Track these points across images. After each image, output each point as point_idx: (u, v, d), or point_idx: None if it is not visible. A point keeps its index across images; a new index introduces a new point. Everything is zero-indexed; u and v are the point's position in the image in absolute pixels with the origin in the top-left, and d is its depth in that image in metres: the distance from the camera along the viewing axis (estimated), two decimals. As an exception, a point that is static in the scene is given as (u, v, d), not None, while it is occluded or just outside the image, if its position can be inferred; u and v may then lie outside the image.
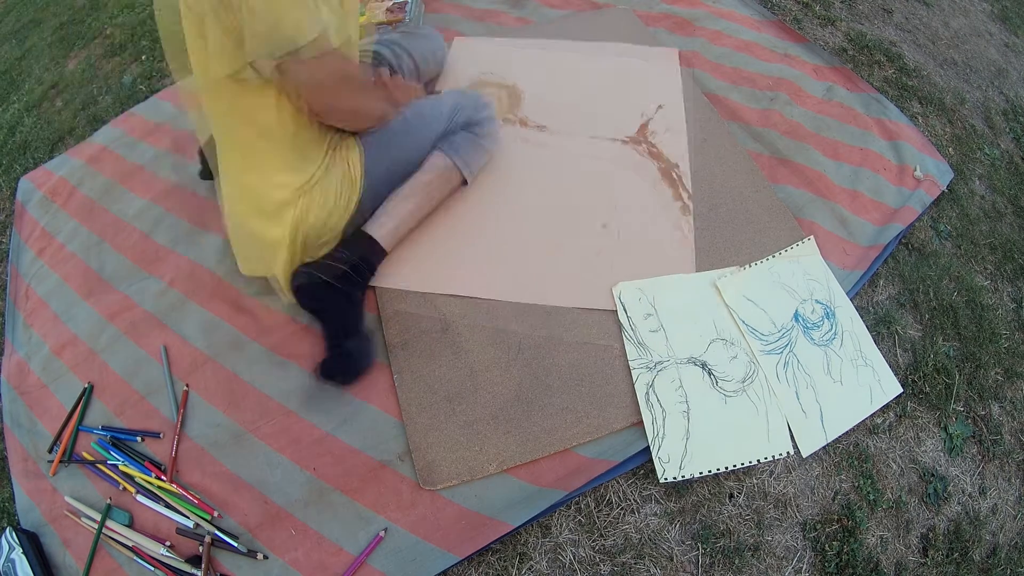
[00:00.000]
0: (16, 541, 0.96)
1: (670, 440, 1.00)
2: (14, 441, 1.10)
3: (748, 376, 1.07)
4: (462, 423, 1.04)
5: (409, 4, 1.65)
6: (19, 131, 1.72)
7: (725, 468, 0.99)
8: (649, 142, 1.42)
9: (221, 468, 1.02)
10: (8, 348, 1.24)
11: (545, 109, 1.50)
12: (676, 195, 1.32)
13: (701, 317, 1.13)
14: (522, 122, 1.47)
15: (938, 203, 1.36)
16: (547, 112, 1.49)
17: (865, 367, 1.10)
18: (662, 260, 1.21)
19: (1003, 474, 1.05)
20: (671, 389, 1.05)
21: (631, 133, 1.44)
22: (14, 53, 2.02)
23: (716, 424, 1.02)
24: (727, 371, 1.07)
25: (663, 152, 1.39)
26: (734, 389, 1.06)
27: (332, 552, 0.93)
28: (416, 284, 1.20)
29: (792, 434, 1.02)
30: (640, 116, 1.47)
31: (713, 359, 1.09)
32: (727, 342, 1.10)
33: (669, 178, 1.34)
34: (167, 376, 1.12)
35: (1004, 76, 1.74)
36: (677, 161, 1.37)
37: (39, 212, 1.45)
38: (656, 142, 1.41)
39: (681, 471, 0.98)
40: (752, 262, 1.20)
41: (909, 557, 0.97)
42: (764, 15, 1.79)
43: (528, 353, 1.11)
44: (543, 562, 0.94)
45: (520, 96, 1.53)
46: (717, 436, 1.01)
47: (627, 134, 1.44)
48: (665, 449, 1.00)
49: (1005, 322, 1.22)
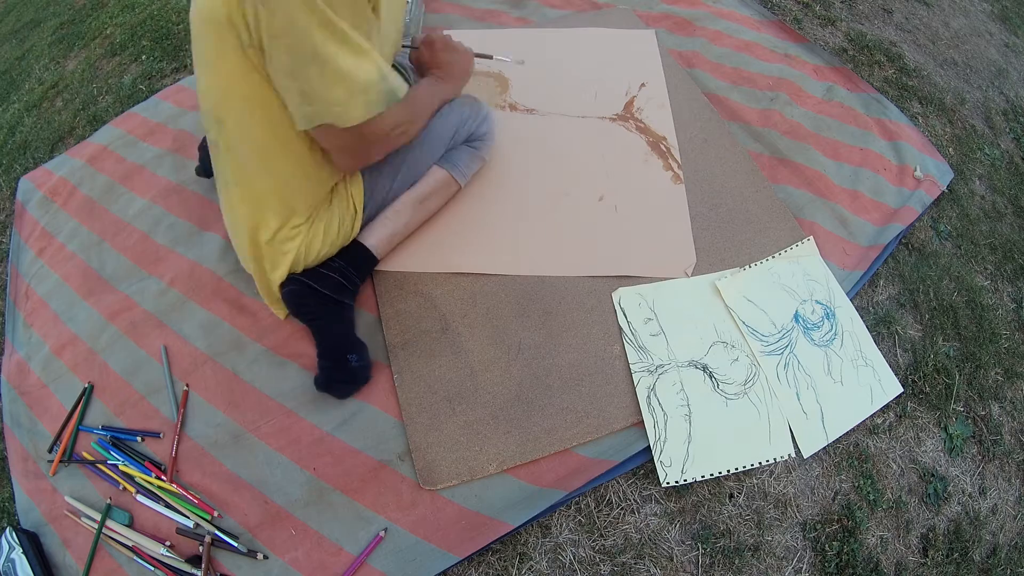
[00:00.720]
0: (16, 541, 0.96)
1: (672, 444, 1.00)
2: (14, 441, 1.10)
3: (749, 379, 1.07)
4: (462, 423, 1.04)
5: (409, 5, 1.65)
6: (19, 131, 1.72)
7: (727, 471, 0.99)
8: (636, 118, 1.47)
9: (221, 468, 1.02)
10: (8, 348, 1.24)
11: (533, 92, 1.53)
12: (667, 166, 1.37)
13: (701, 320, 1.13)
14: (512, 107, 1.50)
15: (938, 203, 1.36)
16: (535, 95, 1.52)
17: (865, 367, 1.10)
18: (658, 228, 1.26)
19: (1003, 474, 1.05)
20: (672, 392, 1.05)
21: (618, 111, 1.49)
22: (14, 53, 2.02)
23: (718, 427, 1.02)
24: (728, 374, 1.07)
25: (650, 127, 1.45)
26: (735, 392, 1.06)
27: (332, 552, 0.93)
28: (412, 265, 1.21)
29: (793, 435, 1.02)
30: (625, 94, 1.52)
31: (714, 362, 1.09)
32: (728, 345, 1.10)
33: (658, 150, 1.40)
34: (167, 376, 1.12)
35: (1004, 76, 1.74)
36: (664, 134, 1.43)
37: (39, 212, 1.45)
38: (643, 118, 1.47)
39: (683, 475, 0.98)
40: (752, 263, 1.20)
41: (909, 557, 0.97)
42: (764, 15, 1.79)
43: (528, 353, 1.11)
44: (543, 562, 0.94)
45: (507, 83, 1.55)
46: (719, 439, 1.01)
47: (614, 112, 1.48)
48: (667, 453, 1.00)
49: (1005, 322, 1.22)
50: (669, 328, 1.12)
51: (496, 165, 1.36)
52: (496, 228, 1.27)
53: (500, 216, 1.29)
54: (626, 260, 1.21)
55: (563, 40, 1.67)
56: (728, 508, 0.99)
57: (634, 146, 1.41)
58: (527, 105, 1.50)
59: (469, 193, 1.30)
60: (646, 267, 1.20)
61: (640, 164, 1.37)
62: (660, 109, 1.48)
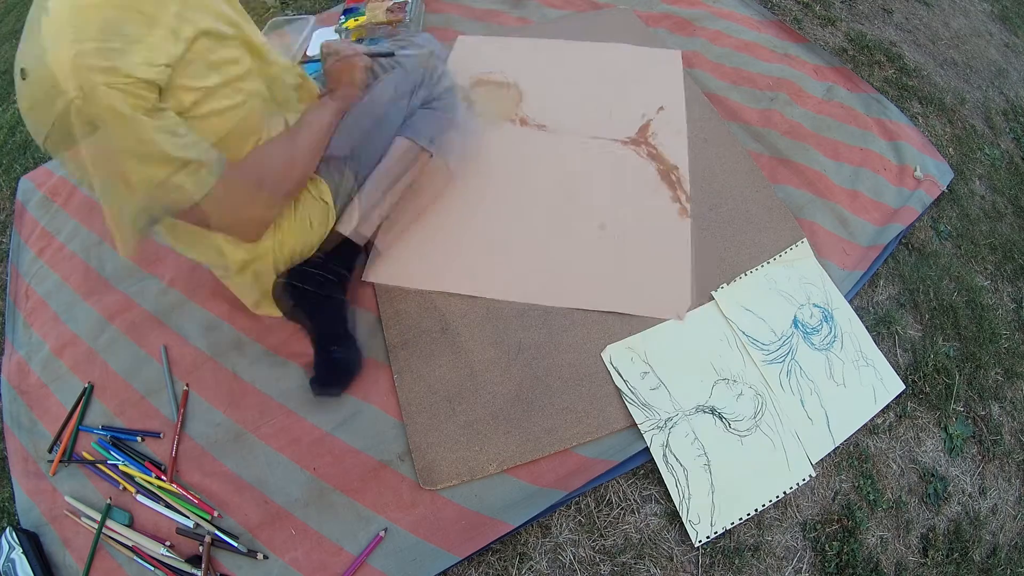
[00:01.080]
0: (16, 541, 0.96)
1: (696, 499, 0.97)
2: (14, 441, 1.10)
3: (758, 411, 1.04)
4: (462, 423, 1.04)
5: (409, 4, 1.65)
6: (19, 131, 1.72)
7: (755, 511, 0.96)
8: (649, 143, 1.41)
9: (221, 468, 1.02)
10: (8, 348, 1.24)
11: (545, 108, 1.49)
12: (675, 197, 1.31)
13: (698, 361, 1.09)
14: (522, 121, 1.47)
15: (938, 203, 1.36)
16: (547, 111, 1.49)
17: (867, 367, 1.10)
18: (657, 266, 1.21)
19: (1003, 474, 1.05)
20: (687, 444, 1.01)
21: (631, 134, 1.43)
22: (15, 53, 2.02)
23: (737, 469, 0.99)
24: (736, 410, 1.04)
25: (663, 154, 1.39)
26: (747, 427, 1.03)
27: (332, 552, 0.93)
28: (414, 282, 1.20)
29: (801, 443, 1.01)
30: (641, 117, 1.46)
31: (720, 402, 1.05)
32: (729, 381, 1.07)
33: (668, 180, 1.34)
34: (167, 376, 1.12)
35: (1004, 76, 1.74)
36: (677, 163, 1.37)
37: (39, 212, 1.45)
38: (656, 144, 1.41)
39: (713, 528, 0.95)
40: (749, 268, 1.19)
41: (909, 557, 0.97)
42: (764, 15, 1.79)
43: (528, 353, 1.11)
44: (543, 562, 0.94)
45: (520, 95, 1.53)
46: (741, 481, 0.98)
47: (627, 135, 1.43)
48: (694, 510, 0.96)
49: (1005, 322, 1.22)
50: (668, 377, 1.07)
51: (499, 181, 1.35)
52: (493, 249, 1.24)
53: (499, 236, 1.26)
54: (619, 296, 1.16)
55: (584, 54, 1.63)
56: (728, 508, 0.98)
57: (644, 173, 1.35)
58: (538, 120, 1.47)
59: (468, 206, 1.29)
60: (639, 306, 1.15)
61: (648, 193, 1.32)
62: (676, 136, 1.42)
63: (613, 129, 1.44)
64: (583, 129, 1.45)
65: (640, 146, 1.41)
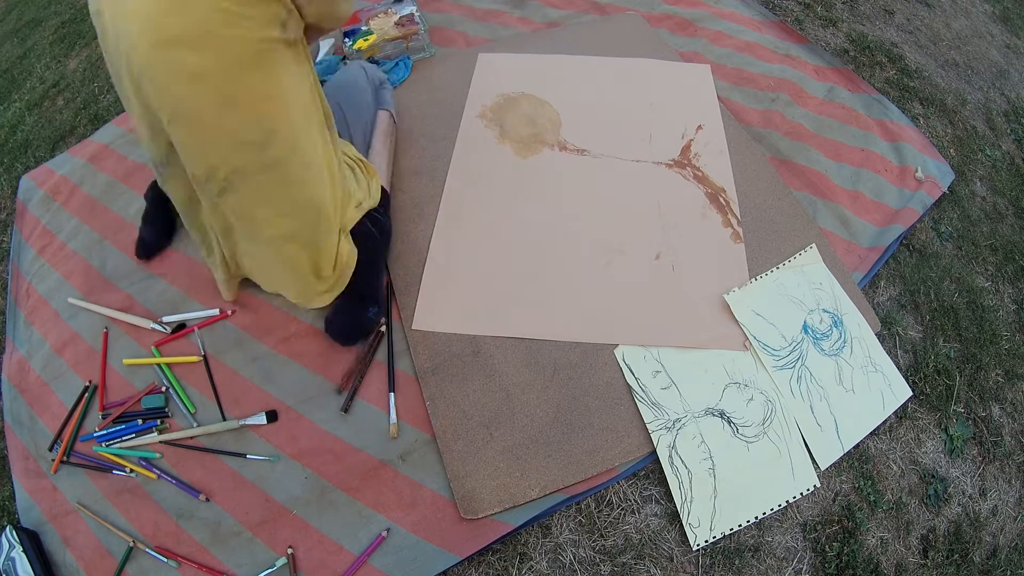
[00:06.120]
0: (16, 539, 0.96)
1: (698, 502, 0.97)
2: (15, 439, 1.10)
3: (767, 417, 1.03)
4: (501, 448, 1.00)
5: (417, 14, 1.64)
6: (20, 130, 1.72)
7: (755, 519, 0.96)
8: (694, 165, 1.35)
9: (223, 466, 1.02)
10: (9, 346, 1.24)
11: (583, 132, 1.43)
12: (726, 222, 1.26)
13: (711, 363, 1.09)
14: (561, 146, 1.40)
15: (939, 204, 1.36)
16: (586, 135, 1.42)
17: (875, 373, 1.09)
18: (717, 295, 1.15)
19: (1003, 475, 1.05)
20: (693, 446, 1.01)
21: (675, 156, 1.37)
22: (15, 52, 2.02)
23: (742, 475, 0.99)
24: (745, 416, 1.04)
25: (708, 176, 1.33)
26: (755, 434, 1.02)
27: (333, 551, 0.93)
28: (458, 327, 1.13)
29: (809, 448, 1.01)
30: (681, 137, 1.41)
31: (730, 406, 1.05)
32: (740, 385, 1.07)
33: (717, 203, 1.28)
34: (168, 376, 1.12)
35: (1005, 77, 1.74)
36: (723, 185, 1.31)
37: (40, 210, 1.45)
38: (700, 165, 1.35)
39: (712, 532, 0.95)
40: (758, 275, 1.19)
41: (909, 558, 0.97)
42: (765, 16, 1.79)
43: (564, 373, 1.08)
44: (543, 562, 0.94)
45: (559, 118, 1.46)
46: (744, 488, 0.98)
47: (671, 157, 1.37)
48: (695, 513, 0.96)
49: (1006, 323, 1.22)
50: (679, 378, 1.07)
51: (545, 211, 1.29)
52: (545, 286, 1.18)
53: (549, 272, 1.20)
54: (679, 330, 1.11)
55: (612, 70, 1.57)
56: (728, 508, 0.98)
57: (692, 197, 1.29)
58: (578, 145, 1.40)
59: (517, 242, 1.24)
60: (701, 339, 1.10)
61: (698, 218, 1.26)
62: (719, 156, 1.36)
63: (655, 152, 1.38)
64: (625, 152, 1.37)
65: (685, 168, 1.34)
